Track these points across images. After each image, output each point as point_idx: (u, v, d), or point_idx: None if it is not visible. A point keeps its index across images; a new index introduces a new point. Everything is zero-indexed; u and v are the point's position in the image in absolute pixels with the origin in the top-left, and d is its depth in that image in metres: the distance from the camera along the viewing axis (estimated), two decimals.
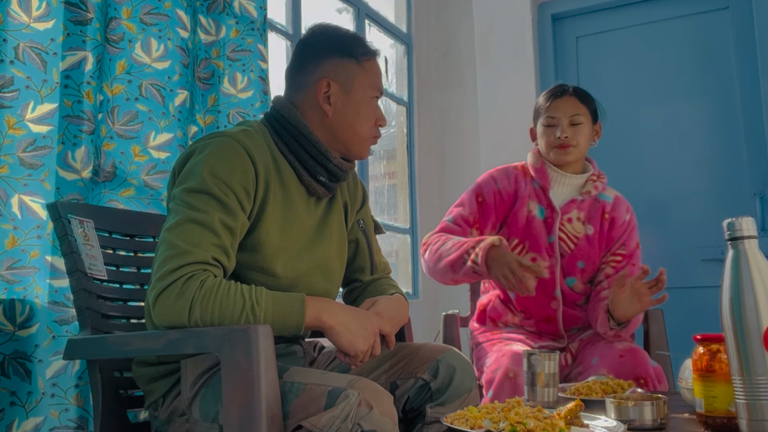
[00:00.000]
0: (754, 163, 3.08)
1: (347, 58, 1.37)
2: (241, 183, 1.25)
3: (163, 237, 1.22)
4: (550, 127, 1.99)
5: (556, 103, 1.98)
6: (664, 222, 3.22)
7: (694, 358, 1.23)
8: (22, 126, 1.58)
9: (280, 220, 1.33)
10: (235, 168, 1.25)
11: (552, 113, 1.98)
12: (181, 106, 1.94)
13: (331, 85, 1.37)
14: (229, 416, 1.10)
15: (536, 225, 1.98)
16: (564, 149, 1.97)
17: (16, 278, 1.54)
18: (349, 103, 1.38)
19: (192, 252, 1.18)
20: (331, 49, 1.38)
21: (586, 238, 1.99)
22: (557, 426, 1.07)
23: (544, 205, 1.99)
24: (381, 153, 3.80)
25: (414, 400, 1.39)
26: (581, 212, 2.00)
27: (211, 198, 1.22)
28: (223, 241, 1.22)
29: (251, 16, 2.22)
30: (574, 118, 1.97)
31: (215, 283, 1.17)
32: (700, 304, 3.00)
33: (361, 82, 1.39)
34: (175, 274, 1.16)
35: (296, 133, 1.36)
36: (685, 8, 3.30)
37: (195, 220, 1.20)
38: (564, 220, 1.99)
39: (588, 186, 2.01)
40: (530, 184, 2.02)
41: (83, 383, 1.61)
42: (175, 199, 1.25)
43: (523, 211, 1.99)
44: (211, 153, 1.26)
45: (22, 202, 1.57)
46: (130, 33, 1.86)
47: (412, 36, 3.82)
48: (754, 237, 1.10)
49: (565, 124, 1.96)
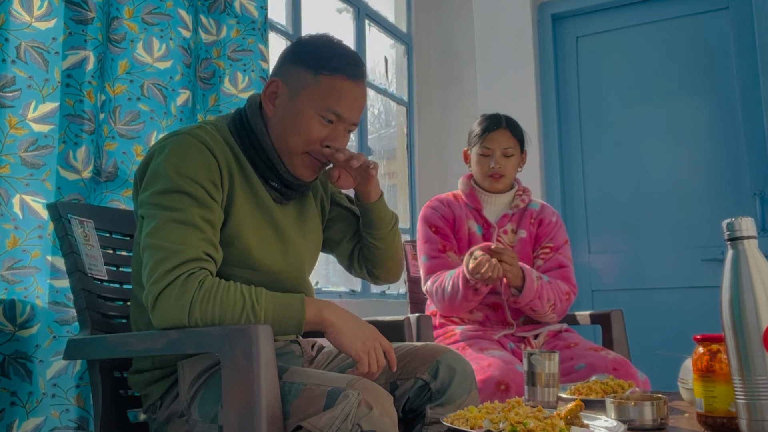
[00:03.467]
0: (754, 163, 3.08)
1: (304, 68, 1.32)
2: (206, 176, 1.24)
3: (146, 243, 1.20)
4: (485, 157, 2.15)
5: (492, 136, 2.13)
6: (664, 222, 3.23)
7: (694, 358, 1.23)
8: (23, 125, 1.58)
9: (249, 212, 1.32)
10: (197, 163, 1.24)
11: (487, 144, 2.14)
12: (183, 106, 1.94)
13: (279, 87, 1.34)
14: (229, 416, 1.10)
15: (477, 240, 2.16)
16: (497, 179, 2.15)
17: (17, 278, 1.54)
18: (289, 109, 1.33)
19: (182, 250, 1.17)
20: (296, 55, 1.35)
21: (519, 241, 2.19)
22: (557, 426, 1.07)
23: (481, 222, 2.19)
24: (381, 153, 3.81)
25: (414, 401, 1.39)
26: (513, 223, 2.20)
27: (184, 195, 1.21)
28: (208, 234, 1.22)
29: (252, 16, 2.22)
30: (507, 150, 2.14)
31: (214, 282, 1.17)
32: (700, 304, 3.00)
33: (309, 94, 1.32)
34: (172, 274, 1.16)
35: (252, 134, 1.35)
36: (685, 8, 3.31)
37: (175, 219, 1.20)
38: (500, 233, 2.18)
39: (516, 200, 2.21)
40: (465, 207, 2.21)
41: (84, 383, 1.61)
42: (146, 204, 1.24)
43: (464, 229, 2.18)
44: (170, 152, 1.24)
45: (23, 202, 1.57)
46: (131, 33, 1.86)
47: (412, 36, 3.82)
48: (754, 237, 1.10)
49: (498, 156, 2.13)
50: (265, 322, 1.17)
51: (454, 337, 2.06)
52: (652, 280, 3.22)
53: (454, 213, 2.20)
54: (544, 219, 2.22)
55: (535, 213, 2.23)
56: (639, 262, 3.26)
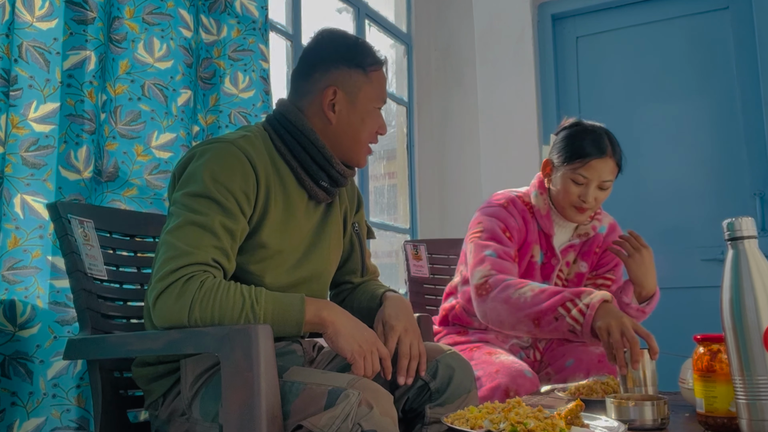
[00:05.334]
0: (754, 163, 3.08)
1: (355, 68, 1.38)
2: (241, 188, 1.26)
3: (163, 239, 1.23)
4: (577, 185, 1.80)
5: (594, 164, 1.77)
6: (664, 222, 3.23)
7: (695, 358, 1.23)
8: (25, 125, 1.58)
9: (280, 224, 1.34)
10: (235, 173, 1.26)
11: (585, 173, 1.78)
12: (184, 106, 1.94)
13: (337, 94, 1.38)
14: (229, 416, 1.10)
15: (533, 270, 1.90)
16: (582, 212, 1.83)
17: (17, 278, 1.54)
18: (353, 112, 1.39)
19: (192, 253, 1.19)
20: (340, 58, 1.39)
21: (577, 276, 1.94)
22: (557, 426, 1.07)
23: (545, 249, 1.91)
24: (381, 153, 3.81)
25: (413, 401, 1.39)
26: (575, 252, 1.94)
27: (212, 202, 1.23)
28: (224, 243, 1.23)
29: (252, 15, 2.22)
30: (605, 183, 1.80)
31: (215, 283, 1.18)
32: (700, 304, 3.00)
33: (366, 93, 1.39)
34: (175, 274, 1.17)
35: (302, 137, 1.37)
36: (685, 8, 3.31)
37: (195, 222, 1.21)
38: (562, 265, 1.92)
39: (586, 227, 1.93)
40: (535, 227, 1.90)
41: (84, 384, 1.61)
42: (176, 203, 1.26)
43: (527, 256, 1.89)
44: (211, 158, 1.27)
45: (24, 202, 1.57)
46: (132, 33, 1.86)
47: (412, 36, 3.82)
48: (754, 237, 1.10)
49: (593, 187, 1.79)
50: (265, 322, 1.18)
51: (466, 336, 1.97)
52: None
53: (527, 233, 1.89)
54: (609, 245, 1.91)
55: (601, 239, 1.95)
56: None
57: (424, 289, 2.45)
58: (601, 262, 1.97)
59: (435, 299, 2.40)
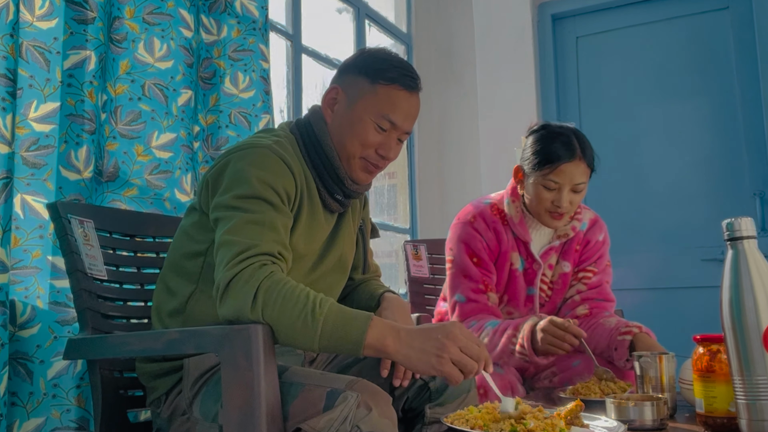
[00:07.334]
0: (754, 163, 3.08)
1: (363, 76, 1.38)
2: (285, 189, 1.28)
3: (222, 240, 1.22)
4: (549, 191, 1.77)
5: (564, 168, 1.73)
6: (664, 222, 3.23)
7: (694, 358, 1.24)
8: (25, 125, 1.58)
9: (306, 228, 1.36)
10: (279, 175, 1.28)
11: (555, 178, 1.75)
12: (185, 106, 1.94)
13: (338, 94, 1.40)
14: (229, 416, 1.10)
15: (516, 278, 1.89)
16: (559, 217, 1.80)
17: (17, 278, 1.54)
18: (347, 115, 1.39)
19: (258, 245, 1.19)
20: (355, 66, 1.41)
21: (561, 277, 1.92)
22: (557, 426, 1.07)
23: (524, 255, 1.89)
24: None
25: (413, 401, 1.39)
26: (557, 253, 1.92)
27: (264, 201, 1.24)
28: (282, 237, 1.24)
29: (252, 15, 2.22)
30: (578, 186, 1.77)
31: (283, 277, 1.17)
32: (700, 304, 3.00)
33: (366, 102, 1.37)
34: (246, 262, 1.17)
35: (321, 151, 1.39)
36: (685, 8, 3.31)
37: (252, 221, 1.22)
38: (545, 269, 1.90)
39: (566, 228, 1.90)
40: (510, 235, 1.88)
41: (85, 384, 1.61)
42: (226, 206, 1.26)
43: (506, 265, 1.87)
44: (253, 161, 1.27)
45: (24, 202, 1.57)
46: (133, 32, 1.86)
47: (412, 36, 3.82)
48: (754, 237, 1.10)
49: (566, 192, 1.75)
50: (323, 331, 1.12)
51: None
52: (652, 280, 3.23)
53: (501, 244, 1.86)
54: (590, 240, 1.94)
55: (581, 236, 1.93)
56: (639, 262, 3.27)
57: (424, 289, 2.46)
58: (583, 257, 1.95)
59: (435, 299, 2.40)
